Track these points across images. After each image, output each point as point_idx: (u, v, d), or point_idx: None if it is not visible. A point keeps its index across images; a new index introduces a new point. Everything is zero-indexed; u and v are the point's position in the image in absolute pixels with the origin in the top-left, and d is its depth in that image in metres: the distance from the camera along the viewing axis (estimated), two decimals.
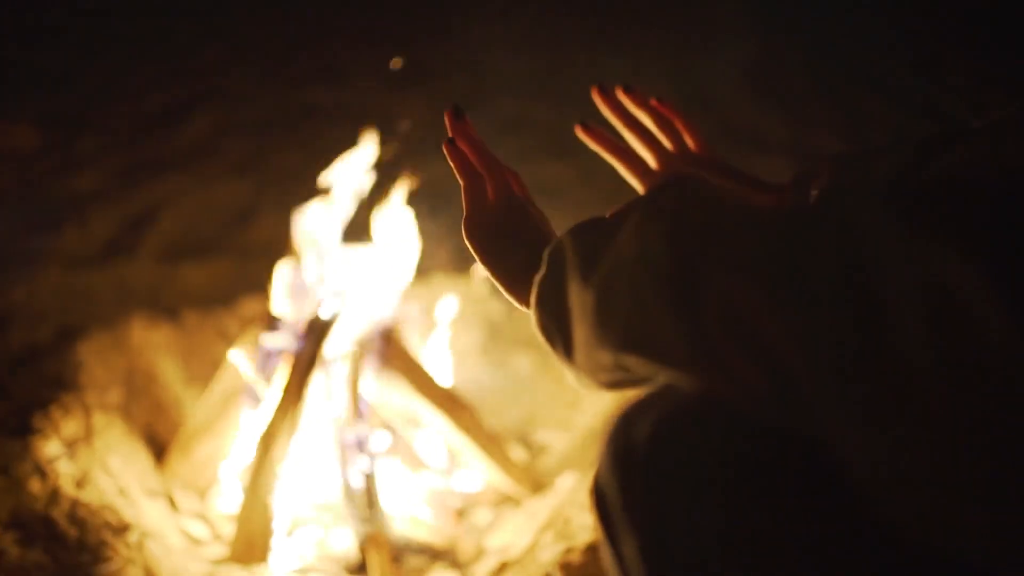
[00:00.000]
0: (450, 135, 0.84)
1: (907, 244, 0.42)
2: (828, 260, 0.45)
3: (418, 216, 1.77)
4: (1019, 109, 0.74)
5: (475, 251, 0.82)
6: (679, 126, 0.91)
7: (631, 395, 0.62)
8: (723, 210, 0.56)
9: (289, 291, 1.66)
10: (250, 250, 2.28)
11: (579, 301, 0.62)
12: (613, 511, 0.58)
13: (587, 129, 0.89)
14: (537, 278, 0.70)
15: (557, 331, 0.67)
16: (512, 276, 0.80)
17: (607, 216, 0.71)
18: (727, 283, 0.49)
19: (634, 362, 0.57)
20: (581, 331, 0.63)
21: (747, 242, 0.51)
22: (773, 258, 0.48)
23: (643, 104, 0.91)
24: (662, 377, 0.57)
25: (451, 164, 0.82)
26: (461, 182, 0.83)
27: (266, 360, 1.64)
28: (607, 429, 0.61)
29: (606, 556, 0.61)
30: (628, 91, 0.91)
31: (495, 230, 0.82)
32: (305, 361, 1.57)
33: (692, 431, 0.55)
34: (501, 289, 0.81)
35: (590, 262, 0.62)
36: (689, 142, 0.91)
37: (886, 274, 0.42)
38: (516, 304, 0.80)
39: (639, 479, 0.56)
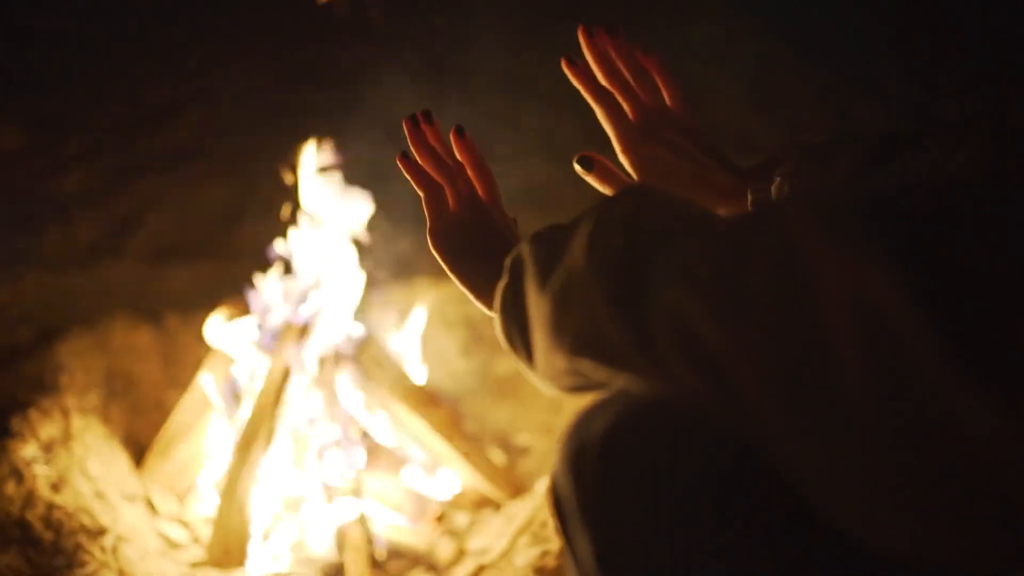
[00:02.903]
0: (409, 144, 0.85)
1: (839, 262, 0.43)
2: (767, 275, 0.46)
3: (401, 220, 1.78)
4: (976, 117, 0.75)
5: (441, 260, 0.84)
6: (659, 81, 0.90)
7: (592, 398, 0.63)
8: (673, 221, 0.57)
9: (268, 295, 1.66)
10: (235, 253, 2.27)
11: (536, 308, 0.64)
12: (568, 510, 0.59)
13: (572, 65, 0.87)
14: (499, 286, 0.71)
15: (519, 337, 0.68)
16: (478, 284, 0.82)
17: (566, 223, 0.72)
18: (673, 293, 0.50)
19: (587, 366, 0.59)
20: (539, 337, 0.64)
21: (693, 254, 0.52)
22: (716, 271, 0.49)
23: (626, 52, 0.89)
24: (617, 381, 0.58)
25: (407, 176, 0.83)
26: (420, 193, 0.84)
27: (245, 363, 1.64)
28: (565, 430, 0.62)
29: (564, 555, 0.62)
30: (612, 34, 0.89)
31: (458, 239, 0.83)
32: (283, 364, 1.57)
33: (643, 432, 0.57)
34: (469, 296, 0.82)
35: (546, 270, 0.63)
36: (667, 98, 0.90)
37: (820, 290, 0.43)
38: (484, 310, 0.81)
39: (592, 479, 0.57)
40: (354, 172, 1.91)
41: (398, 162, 0.84)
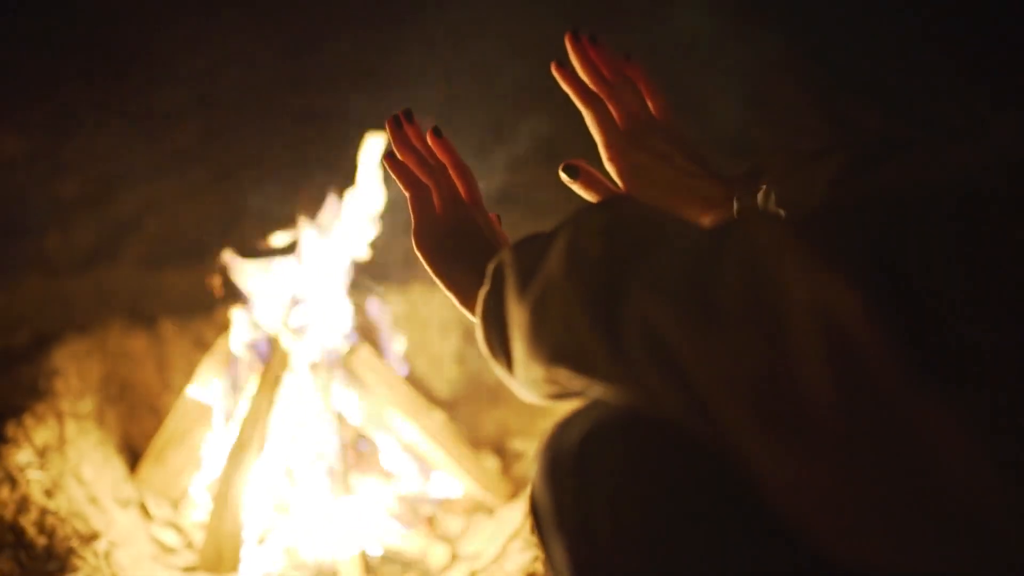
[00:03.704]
0: (393, 146, 0.85)
1: (804, 274, 0.44)
2: (735, 286, 0.46)
3: (396, 226, 1.78)
4: (964, 125, 0.75)
5: (425, 263, 0.84)
6: (644, 90, 0.90)
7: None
8: (648, 232, 0.57)
9: (261, 299, 1.67)
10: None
11: (515, 316, 0.64)
12: (545, 518, 0.60)
13: (562, 69, 0.88)
14: (481, 294, 0.72)
15: (499, 345, 0.69)
16: (461, 288, 0.82)
17: (547, 232, 0.72)
18: (646, 304, 0.51)
19: (564, 375, 0.59)
20: (518, 345, 0.64)
21: (666, 265, 0.52)
22: (688, 281, 0.49)
23: (610, 60, 0.90)
24: (593, 390, 0.59)
25: (393, 177, 0.84)
26: (406, 194, 0.84)
27: (238, 368, 1.64)
28: (543, 440, 0.62)
29: (543, 562, 0.62)
30: (595, 43, 0.89)
31: (443, 243, 0.83)
32: (276, 369, 1.58)
33: (617, 441, 0.57)
34: (452, 300, 0.83)
35: (526, 278, 0.64)
36: (651, 107, 0.90)
37: (786, 302, 0.44)
38: (468, 315, 0.81)
39: (567, 487, 0.58)
40: (350, 176, 1.92)
41: (384, 163, 0.85)
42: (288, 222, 1.79)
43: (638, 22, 3.82)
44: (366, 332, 1.74)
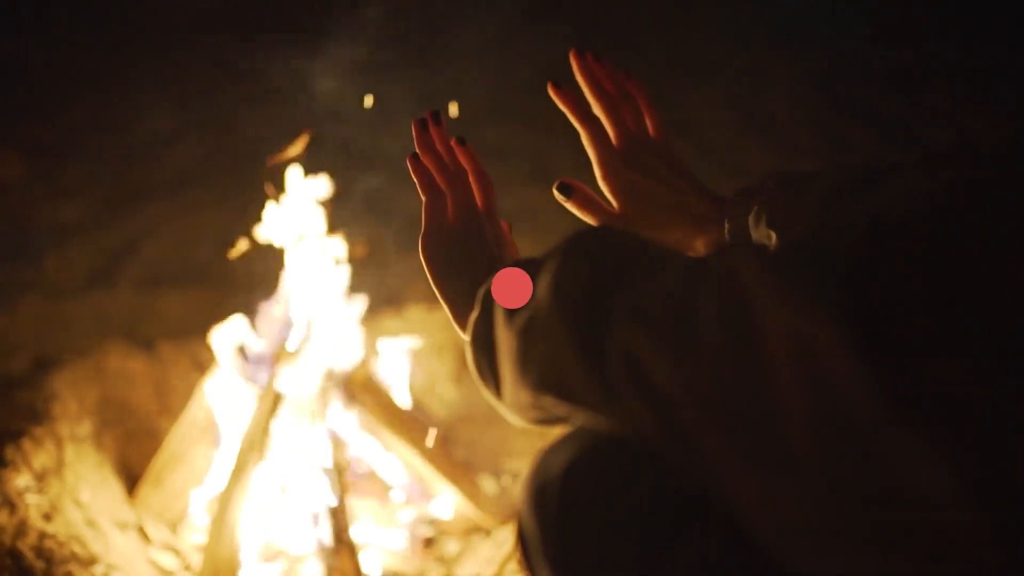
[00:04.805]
0: (416, 148, 0.86)
1: (781, 304, 0.45)
2: (716, 318, 0.48)
3: (393, 247, 1.80)
4: (954, 148, 0.76)
5: (427, 271, 0.85)
6: (642, 106, 0.92)
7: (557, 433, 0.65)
8: (633, 262, 0.59)
9: (260, 323, 1.68)
10: (229, 280, 2.29)
11: (504, 343, 0.65)
12: (531, 544, 0.60)
13: (558, 89, 0.89)
14: (472, 317, 0.72)
15: (488, 369, 0.69)
16: (456, 305, 0.82)
17: (536, 258, 0.73)
18: (629, 334, 0.52)
19: (550, 402, 0.60)
20: (506, 371, 0.65)
21: (650, 296, 0.53)
22: (670, 313, 0.51)
23: (611, 75, 0.91)
24: (577, 417, 0.60)
25: (414, 179, 0.84)
26: (423, 198, 0.85)
27: (236, 391, 1.65)
28: (530, 468, 0.63)
29: None
30: (599, 60, 0.91)
31: (448, 253, 0.84)
32: (273, 391, 1.58)
33: (601, 470, 0.58)
34: (447, 313, 0.83)
35: None
36: (648, 125, 0.92)
37: (763, 331, 0.45)
38: (460, 333, 0.82)
39: (552, 515, 0.59)
40: (348, 199, 1.94)
41: (408, 163, 0.86)
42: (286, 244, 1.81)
43: (633, 43, 3.85)
44: (364, 354, 1.75)
